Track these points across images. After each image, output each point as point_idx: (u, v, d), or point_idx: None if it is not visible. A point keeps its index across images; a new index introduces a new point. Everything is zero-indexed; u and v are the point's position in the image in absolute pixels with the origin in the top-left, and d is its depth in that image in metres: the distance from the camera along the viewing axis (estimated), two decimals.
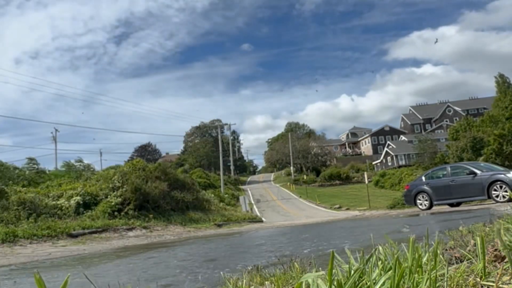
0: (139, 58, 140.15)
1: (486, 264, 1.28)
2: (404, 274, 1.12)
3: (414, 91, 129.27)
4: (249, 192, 52.05)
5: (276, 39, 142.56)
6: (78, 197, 16.41)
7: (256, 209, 36.18)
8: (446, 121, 77.55)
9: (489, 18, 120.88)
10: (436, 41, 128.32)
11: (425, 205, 14.62)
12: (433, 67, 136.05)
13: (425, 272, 1.17)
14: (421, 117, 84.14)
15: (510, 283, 1.14)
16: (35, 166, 24.67)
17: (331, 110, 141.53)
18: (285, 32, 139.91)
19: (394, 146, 69.34)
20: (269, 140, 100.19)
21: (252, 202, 41.45)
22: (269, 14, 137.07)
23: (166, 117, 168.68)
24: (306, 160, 72.74)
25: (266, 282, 1.62)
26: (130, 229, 14.81)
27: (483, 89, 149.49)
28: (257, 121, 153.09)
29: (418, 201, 14.89)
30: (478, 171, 13.73)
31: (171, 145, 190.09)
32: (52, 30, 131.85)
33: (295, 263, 1.92)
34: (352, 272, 1.21)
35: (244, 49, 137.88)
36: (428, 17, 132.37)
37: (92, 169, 25.50)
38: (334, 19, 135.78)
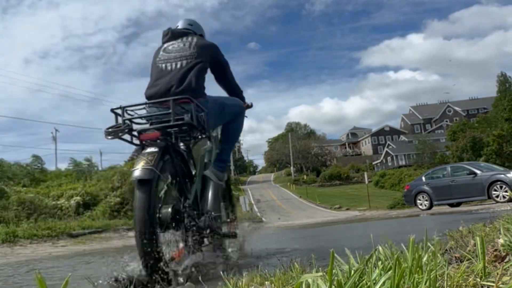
0: (148, 57, 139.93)
1: (486, 264, 1.28)
2: (404, 274, 1.13)
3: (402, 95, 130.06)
4: (249, 192, 52.04)
5: (284, 39, 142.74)
6: (78, 197, 16.43)
7: (256, 209, 36.18)
8: (446, 121, 77.53)
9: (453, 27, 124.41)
10: None
11: (425, 205, 14.62)
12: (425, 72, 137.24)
13: (425, 272, 1.18)
14: (421, 117, 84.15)
15: (510, 284, 1.14)
16: (39, 164, 24.72)
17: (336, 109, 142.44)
18: (293, 32, 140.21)
19: (394, 146, 69.34)
20: (270, 140, 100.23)
21: (252, 202, 41.44)
22: (279, 13, 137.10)
23: None
24: (306, 160, 72.76)
25: (266, 282, 1.62)
26: (130, 229, 14.82)
27: (464, 92, 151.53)
28: (259, 121, 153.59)
29: (418, 201, 14.89)
30: (478, 171, 13.73)
31: None
32: (62, 30, 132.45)
33: (295, 263, 1.93)
34: (352, 272, 1.21)
35: (251, 48, 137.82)
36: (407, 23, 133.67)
37: (96, 167, 25.52)
38: (342, 18, 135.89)
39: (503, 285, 1.13)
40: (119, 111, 2.37)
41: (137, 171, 2.20)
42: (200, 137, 2.60)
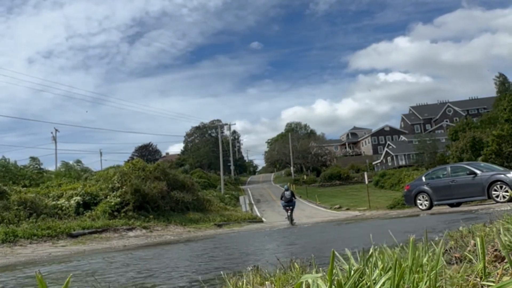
0: (151, 57, 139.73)
1: (486, 264, 1.28)
2: (404, 274, 1.13)
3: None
4: (249, 192, 52.01)
5: (286, 38, 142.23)
6: (78, 197, 16.40)
7: (256, 209, 36.17)
8: (446, 121, 77.50)
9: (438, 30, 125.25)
10: None
11: (425, 205, 14.60)
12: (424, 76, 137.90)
13: (425, 272, 1.18)
14: (421, 117, 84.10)
15: (510, 283, 1.14)
16: (37, 166, 24.68)
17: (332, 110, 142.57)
18: (296, 31, 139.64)
19: (394, 146, 69.31)
20: (269, 140, 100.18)
21: (252, 202, 41.43)
22: (282, 13, 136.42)
23: (173, 116, 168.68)
24: (306, 160, 72.70)
25: (266, 282, 1.62)
26: (130, 229, 14.81)
27: (458, 94, 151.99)
28: (260, 121, 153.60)
29: (418, 201, 14.87)
30: (478, 171, 13.71)
31: (175, 145, 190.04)
32: (66, 30, 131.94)
33: (295, 263, 1.93)
34: (352, 272, 1.21)
35: (254, 47, 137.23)
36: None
37: (90, 171, 25.51)
38: (346, 18, 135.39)
39: (503, 285, 1.13)
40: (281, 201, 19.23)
41: (289, 215, 18.30)
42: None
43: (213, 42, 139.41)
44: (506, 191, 12.65)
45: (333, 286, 1.11)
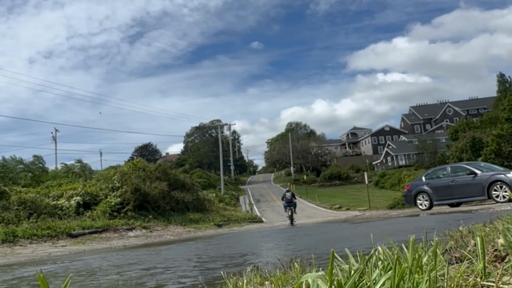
0: (151, 57, 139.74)
1: (486, 264, 1.29)
2: (404, 274, 1.13)
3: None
4: (249, 192, 52.02)
5: (287, 38, 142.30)
6: (78, 197, 16.40)
7: (256, 209, 36.17)
8: (446, 121, 77.47)
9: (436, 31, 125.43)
10: None
11: (425, 205, 14.59)
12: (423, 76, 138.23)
13: (425, 272, 1.18)
14: (421, 117, 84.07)
15: (510, 283, 1.14)
16: (40, 164, 24.74)
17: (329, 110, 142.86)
18: (297, 31, 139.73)
19: (394, 146, 69.30)
20: (269, 140, 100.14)
21: (252, 202, 41.43)
22: (283, 13, 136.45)
23: (174, 116, 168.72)
24: (306, 160, 72.71)
25: (266, 282, 1.63)
26: (130, 229, 14.80)
27: (456, 94, 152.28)
28: (260, 121, 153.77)
29: (418, 201, 14.87)
30: (478, 171, 13.70)
31: (175, 145, 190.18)
32: (67, 30, 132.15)
33: (295, 263, 1.93)
34: (352, 272, 1.21)
35: (254, 47, 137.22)
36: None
37: (89, 170, 25.52)
38: (346, 18, 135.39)
39: (503, 285, 1.13)
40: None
41: (290, 215, 18.11)
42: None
43: (213, 42, 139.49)
44: (506, 191, 12.64)
45: (333, 286, 1.11)
